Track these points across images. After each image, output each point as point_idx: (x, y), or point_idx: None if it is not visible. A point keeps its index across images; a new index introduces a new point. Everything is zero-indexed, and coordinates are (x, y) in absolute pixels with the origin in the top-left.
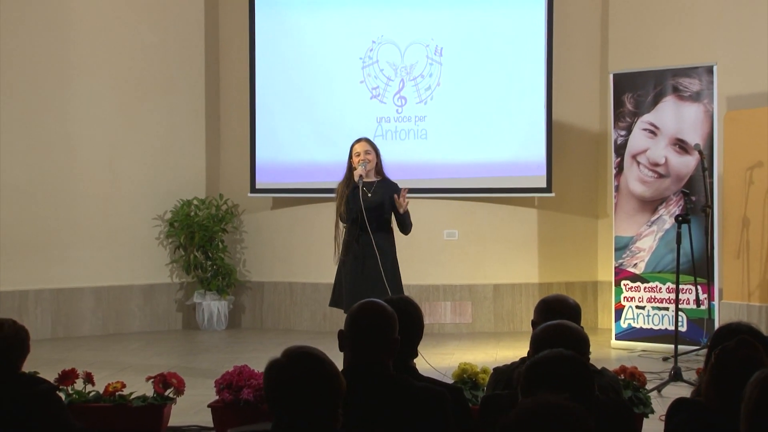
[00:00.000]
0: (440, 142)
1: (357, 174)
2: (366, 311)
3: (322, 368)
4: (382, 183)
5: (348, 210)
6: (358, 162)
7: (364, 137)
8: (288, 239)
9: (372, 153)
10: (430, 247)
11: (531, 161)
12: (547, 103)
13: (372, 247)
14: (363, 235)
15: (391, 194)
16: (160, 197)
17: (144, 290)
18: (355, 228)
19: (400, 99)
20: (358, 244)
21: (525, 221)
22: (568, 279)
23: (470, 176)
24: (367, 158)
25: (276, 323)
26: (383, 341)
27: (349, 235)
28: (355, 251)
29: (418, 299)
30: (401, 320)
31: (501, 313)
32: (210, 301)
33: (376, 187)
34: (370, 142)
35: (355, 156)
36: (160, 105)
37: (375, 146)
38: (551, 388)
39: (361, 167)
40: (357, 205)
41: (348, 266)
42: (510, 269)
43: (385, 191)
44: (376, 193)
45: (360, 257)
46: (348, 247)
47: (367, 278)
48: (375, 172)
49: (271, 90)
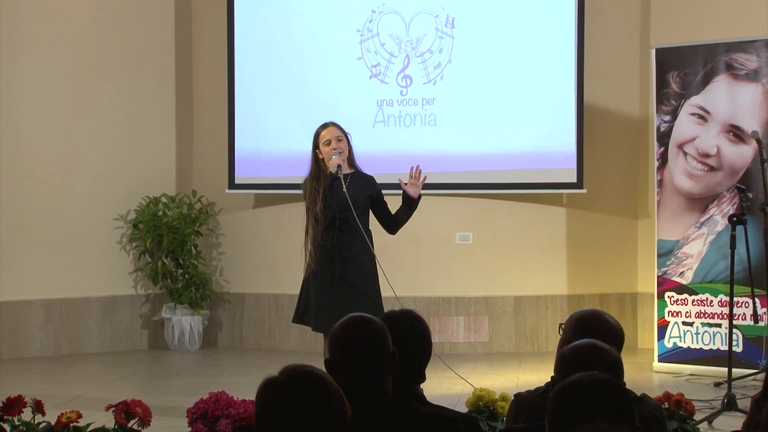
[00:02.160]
0: (451, 129)
1: (334, 164)
2: (351, 329)
3: (327, 391)
4: (356, 176)
5: (325, 208)
6: (331, 151)
7: (331, 122)
8: (273, 243)
9: (344, 140)
10: (439, 252)
11: (559, 152)
12: (577, 84)
13: (352, 251)
14: (342, 237)
15: (370, 190)
16: (123, 194)
17: (103, 303)
18: (332, 230)
19: (404, 78)
20: (334, 249)
21: (551, 222)
22: (602, 290)
23: (487, 169)
24: (340, 146)
25: (259, 342)
26: (378, 359)
27: (324, 237)
28: (331, 258)
29: (426, 314)
30: (406, 338)
31: (523, 331)
32: (181, 317)
33: (351, 180)
34: (339, 126)
35: (323, 144)
36: (123, 85)
37: (345, 132)
38: (584, 420)
39: (337, 156)
40: (339, 202)
41: (321, 277)
42: (534, 279)
43: (362, 186)
44: (352, 188)
45: (337, 265)
46: (322, 252)
47: (346, 290)
48: (347, 163)
49: (254, 68)
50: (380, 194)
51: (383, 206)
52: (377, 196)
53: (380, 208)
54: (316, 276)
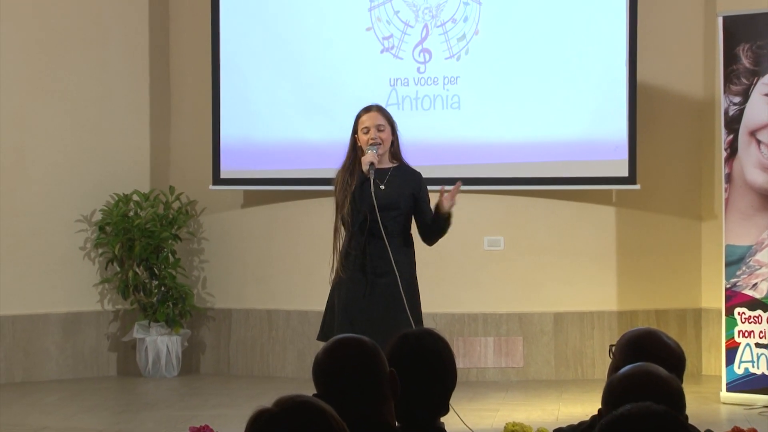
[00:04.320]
0: (478, 113)
1: (366, 160)
2: (335, 353)
3: (328, 425)
4: (398, 172)
5: (354, 210)
6: (368, 142)
7: (375, 105)
8: (266, 249)
9: (387, 129)
10: (464, 260)
11: (607, 140)
12: (629, 59)
13: (387, 260)
14: (373, 243)
15: (414, 188)
16: (86, 191)
17: (64, 321)
18: (361, 235)
19: (422, 53)
20: (365, 257)
21: (598, 225)
22: (659, 305)
23: (520, 161)
24: (380, 137)
25: (249, 367)
26: (372, 384)
27: (352, 245)
28: (362, 267)
29: (448, 334)
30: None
31: (564, 354)
32: (156, 337)
33: (391, 177)
34: (383, 112)
35: (362, 132)
36: (88, 63)
37: (391, 119)
38: None
39: (372, 151)
40: (367, 204)
41: (348, 287)
42: (577, 292)
43: (404, 183)
44: (392, 186)
45: (369, 275)
46: (349, 261)
47: (380, 304)
48: (390, 155)
49: (243, 41)
50: (424, 195)
51: (423, 210)
52: (421, 196)
53: (419, 210)
54: (343, 285)
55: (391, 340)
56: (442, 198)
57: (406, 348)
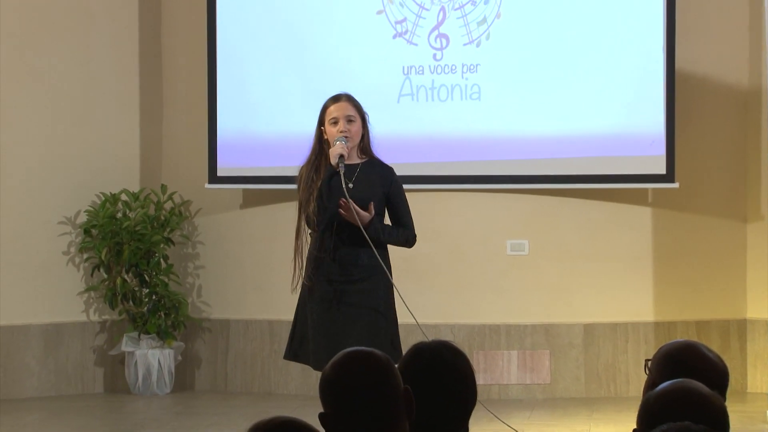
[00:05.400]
0: (500, 104)
1: (335, 152)
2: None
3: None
4: (368, 168)
5: (320, 208)
6: (337, 134)
7: (344, 94)
8: (267, 254)
9: (357, 121)
10: (485, 266)
11: (642, 134)
12: (667, 44)
13: (358, 266)
14: (342, 248)
15: (384, 185)
16: (70, 190)
17: (45, 333)
18: (329, 237)
19: (439, 38)
20: (334, 263)
21: (633, 227)
22: (700, 316)
23: (546, 157)
24: (350, 129)
25: (248, 384)
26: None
27: (320, 248)
28: (330, 274)
29: (467, 347)
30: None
31: (596, 369)
32: (147, 350)
33: (360, 173)
34: (354, 101)
35: (330, 123)
36: (71, 48)
37: (362, 109)
38: None
39: (341, 143)
40: (335, 200)
41: (318, 298)
42: (609, 301)
43: (374, 180)
44: (361, 183)
45: (338, 283)
46: (317, 267)
47: (352, 317)
48: (359, 150)
49: (242, 26)
50: (398, 192)
51: (397, 209)
52: (394, 193)
53: (393, 210)
54: (312, 296)
55: (405, 355)
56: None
57: (420, 363)
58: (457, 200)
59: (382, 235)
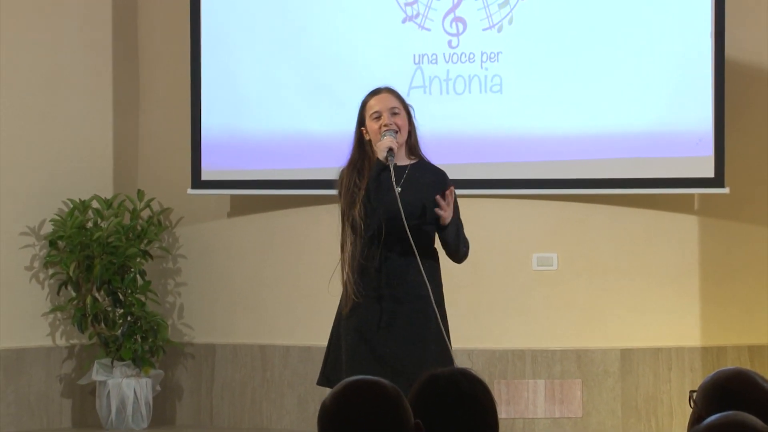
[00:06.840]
0: (524, 98)
1: (383, 147)
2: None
3: None
4: (417, 171)
5: (368, 213)
6: (382, 128)
7: (385, 87)
8: (259, 269)
9: (402, 113)
10: (508, 283)
11: (686, 131)
12: (715, 31)
13: (407, 281)
14: (390, 259)
15: (439, 191)
16: (34, 197)
17: (5, 360)
18: (375, 246)
19: (455, 23)
20: (381, 276)
21: (677, 238)
22: (752, 340)
23: (577, 158)
24: (396, 122)
25: (238, 418)
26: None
27: (365, 257)
28: (378, 287)
29: (488, 375)
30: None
31: (634, 400)
32: (121, 379)
33: (409, 176)
34: (396, 94)
35: (371, 118)
36: (36, 34)
37: (406, 103)
38: None
39: (389, 137)
40: (388, 205)
41: (363, 314)
42: (650, 322)
43: (426, 185)
44: (411, 188)
45: (386, 298)
46: (366, 279)
47: (402, 338)
48: (407, 150)
49: (229, 8)
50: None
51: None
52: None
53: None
54: (355, 313)
55: (417, 384)
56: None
57: (435, 393)
58: (476, 208)
59: (454, 235)
